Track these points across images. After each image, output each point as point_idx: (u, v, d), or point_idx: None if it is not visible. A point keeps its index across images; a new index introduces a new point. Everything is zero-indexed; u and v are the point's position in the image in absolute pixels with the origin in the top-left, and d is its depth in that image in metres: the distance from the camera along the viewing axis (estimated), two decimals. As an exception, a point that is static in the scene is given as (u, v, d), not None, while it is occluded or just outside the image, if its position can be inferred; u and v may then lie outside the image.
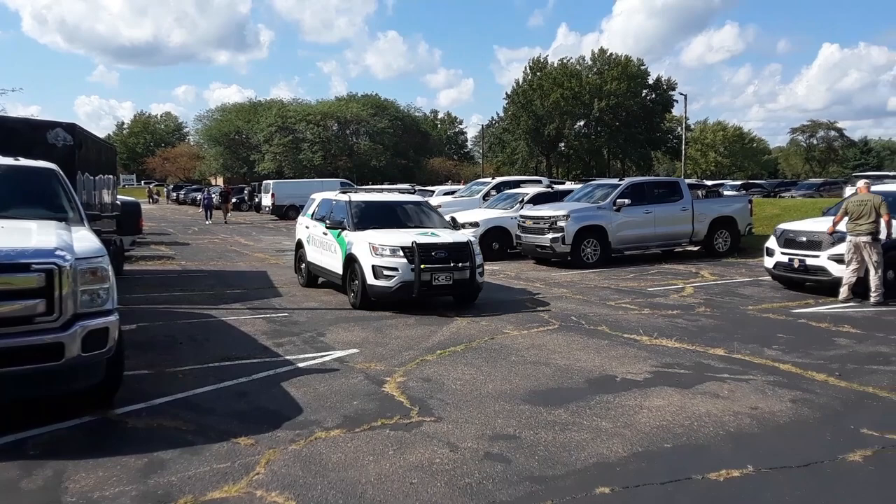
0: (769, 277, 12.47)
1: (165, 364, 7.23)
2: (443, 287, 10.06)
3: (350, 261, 10.54)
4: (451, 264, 10.00)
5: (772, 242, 12.13)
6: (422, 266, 9.77)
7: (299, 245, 13.36)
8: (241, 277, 14.44)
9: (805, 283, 11.70)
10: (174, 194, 66.19)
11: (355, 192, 12.73)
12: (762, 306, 10.49)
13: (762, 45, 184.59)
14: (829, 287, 11.12)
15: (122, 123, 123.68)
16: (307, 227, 12.93)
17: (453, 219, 14.61)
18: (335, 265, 11.22)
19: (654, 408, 5.82)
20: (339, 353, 7.74)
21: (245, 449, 4.93)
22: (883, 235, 10.35)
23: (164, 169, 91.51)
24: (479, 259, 10.42)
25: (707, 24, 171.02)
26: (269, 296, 11.89)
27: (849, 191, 19.60)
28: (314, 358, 7.55)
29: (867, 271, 10.45)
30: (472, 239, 10.71)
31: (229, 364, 7.24)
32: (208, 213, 35.77)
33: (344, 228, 10.94)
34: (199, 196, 54.98)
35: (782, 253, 11.72)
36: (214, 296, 11.84)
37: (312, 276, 12.74)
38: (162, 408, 5.88)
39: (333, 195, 12.57)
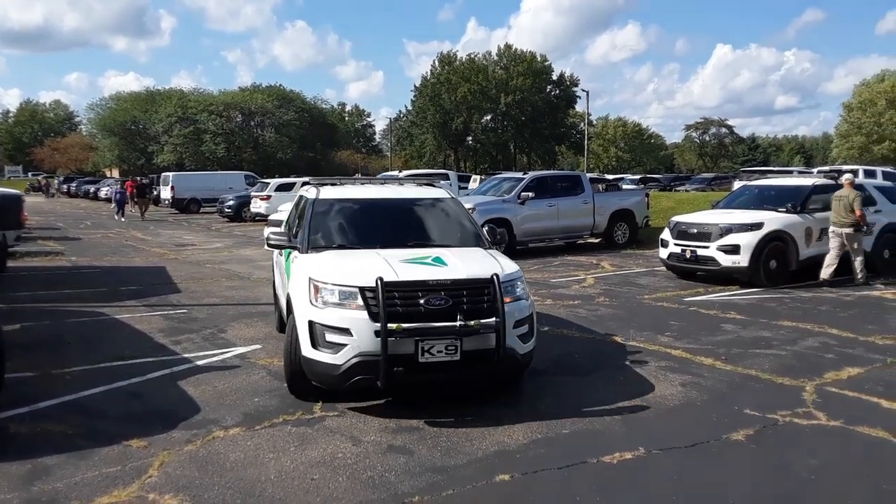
0: (664, 268, 13.03)
1: (52, 365, 6.84)
2: (441, 365, 5.37)
3: (289, 308, 6.19)
4: (459, 322, 5.30)
5: (666, 234, 12.67)
6: (396, 326, 5.22)
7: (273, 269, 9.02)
8: (137, 274, 13.83)
9: (697, 272, 12.29)
10: (65, 187, 62.62)
11: (339, 183, 7.88)
12: (657, 295, 10.95)
13: (662, 44, 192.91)
14: (718, 276, 11.75)
15: (8, 112, 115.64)
16: None
17: (492, 229, 8.55)
18: (284, 306, 6.94)
19: (555, 395, 5.98)
20: (240, 350, 7.55)
21: (137, 451, 4.74)
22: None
23: (54, 160, 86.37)
24: (523, 307, 5.81)
25: (611, 22, 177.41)
26: (168, 292, 11.45)
27: (737, 184, 20.71)
28: (214, 355, 7.33)
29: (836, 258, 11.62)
30: (506, 272, 5.83)
31: (122, 364, 6.93)
32: (121, 209, 31.81)
33: (295, 247, 6.69)
34: (93, 188, 52.42)
35: (675, 244, 12.27)
36: (107, 293, 11.28)
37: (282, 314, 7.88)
38: (47, 411, 5.58)
39: (306, 190, 7.87)
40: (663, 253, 12.66)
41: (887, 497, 4.16)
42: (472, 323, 5.34)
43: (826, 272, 11.63)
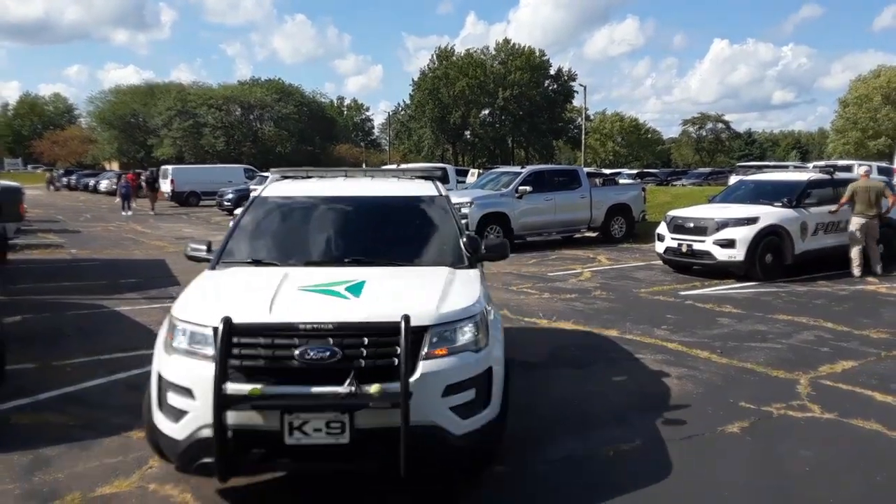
0: (660, 262, 13.09)
1: (52, 357, 6.89)
2: (321, 451, 3.64)
3: None
4: (347, 388, 3.52)
5: (662, 228, 12.71)
6: (252, 389, 3.57)
7: None
8: (137, 266, 13.85)
9: (693, 266, 12.33)
10: (65, 180, 62.44)
11: (305, 176, 6.15)
12: (653, 289, 11.00)
13: (660, 39, 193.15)
14: (714, 270, 11.81)
15: (7, 105, 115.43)
16: None
17: (472, 239, 5.30)
18: None
19: (551, 388, 6.03)
20: (239, 343, 7.57)
21: (137, 443, 4.77)
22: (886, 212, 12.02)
23: (53, 153, 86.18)
24: (466, 363, 3.85)
25: (609, 17, 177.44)
26: (168, 285, 11.47)
27: (733, 179, 20.74)
28: (213, 348, 7.35)
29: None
30: (445, 310, 3.93)
31: (122, 356, 6.97)
32: (126, 203, 30.09)
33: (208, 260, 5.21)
34: (92, 181, 52.23)
35: (672, 238, 12.31)
36: (107, 285, 11.32)
37: None
38: (48, 403, 5.63)
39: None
40: (659, 247, 12.71)
41: (880, 489, 4.21)
42: (371, 389, 3.53)
43: (857, 269, 11.87)
